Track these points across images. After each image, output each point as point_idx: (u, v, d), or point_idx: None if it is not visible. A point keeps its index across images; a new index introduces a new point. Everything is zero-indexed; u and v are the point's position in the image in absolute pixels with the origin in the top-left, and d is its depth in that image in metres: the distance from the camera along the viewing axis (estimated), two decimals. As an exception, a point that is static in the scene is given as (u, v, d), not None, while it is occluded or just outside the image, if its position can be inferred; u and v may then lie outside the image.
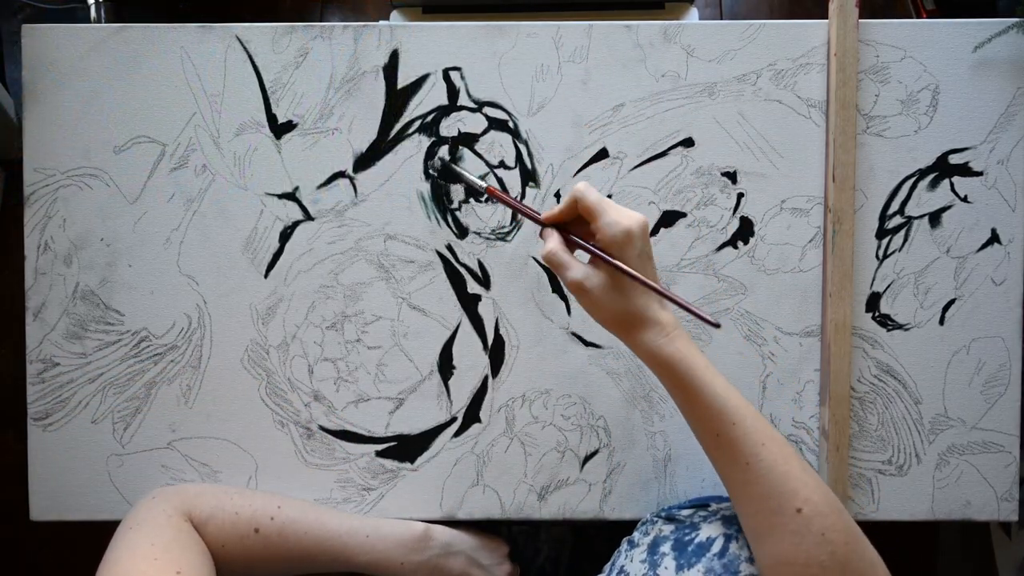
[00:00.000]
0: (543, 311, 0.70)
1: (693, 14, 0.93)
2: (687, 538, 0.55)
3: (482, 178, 0.69)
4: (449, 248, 0.70)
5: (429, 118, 0.70)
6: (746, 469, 0.48)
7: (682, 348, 0.50)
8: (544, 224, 0.55)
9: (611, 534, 0.88)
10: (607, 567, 0.62)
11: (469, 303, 0.70)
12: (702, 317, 0.48)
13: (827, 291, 0.68)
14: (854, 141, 0.68)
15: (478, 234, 0.70)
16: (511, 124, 0.71)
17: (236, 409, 0.70)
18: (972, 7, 1.04)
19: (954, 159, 0.70)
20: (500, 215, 0.71)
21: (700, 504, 0.62)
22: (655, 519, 0.62)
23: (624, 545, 0.62)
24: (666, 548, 0.55)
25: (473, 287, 0.70)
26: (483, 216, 0.70)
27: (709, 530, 0.55)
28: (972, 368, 0.70)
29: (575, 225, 0.55)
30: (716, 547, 0.53)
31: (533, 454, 0.70)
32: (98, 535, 0.59)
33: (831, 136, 0.69)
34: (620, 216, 0.50)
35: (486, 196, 0.56)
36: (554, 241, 0.53)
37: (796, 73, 0.70)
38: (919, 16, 1.15)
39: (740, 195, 0.70)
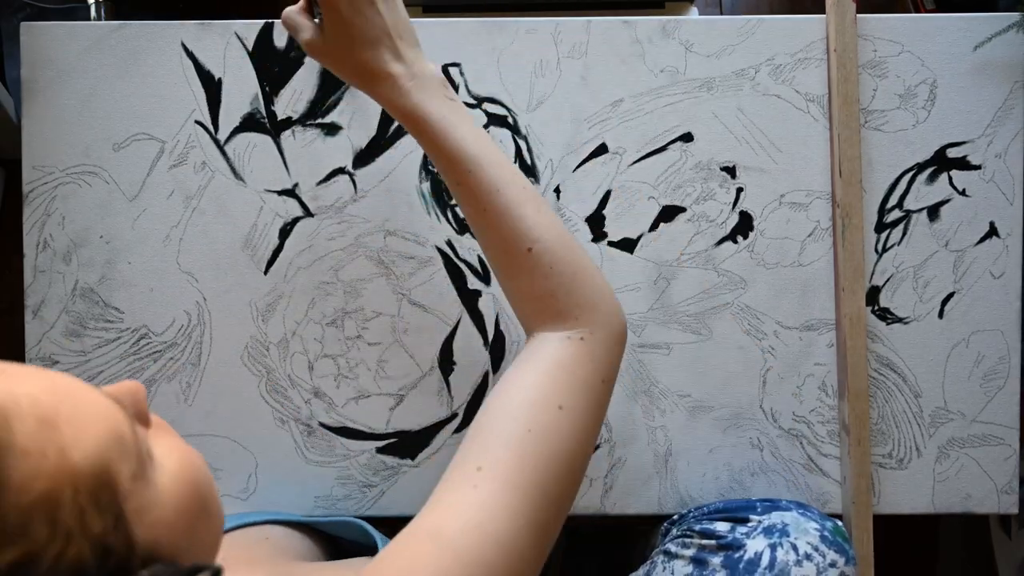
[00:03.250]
0: (543, 306, 0.70)
1: (693, 13, 0.93)
2: (736, 555, 0.58)
3: None
4: (449, 244, 0.70)
5: (428, 114, 0.70)
6: (483, 214, 0.50)
7: (419, 101, 0.51)
8: None
9: (605, 532, 0.88)
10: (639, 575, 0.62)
11: (469, 299, 0.70)
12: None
13: (839, 286, 0.69)
14: (858, 136, 0.68)
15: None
16: (510, 120, 0.71)
17: (236, 406, 0.70)
18: (973, 7, 1.04)
19: (952, 153, 0.70)
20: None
21: (737, 518, 0.62)
22: (690, 532, 0.62)
23: (660, 557, 0.62)
24: (716, 563, 0.58)
25: (473, 283, 0.70)
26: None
27: (755, 545, 0.58)
28: (971, 361, 0.70)
29: None
30: (765, 560, 0.57)
31: (534, 450, 0.70)
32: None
33: (835, 132, 0.69)
34: None
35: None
36: (293, 6, 0.54)
37: (794, 68, 0.70)
38: (918, 13, 1.15)
39: (739, 189, 0.71)
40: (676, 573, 0.60)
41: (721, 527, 0.61)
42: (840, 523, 0.62)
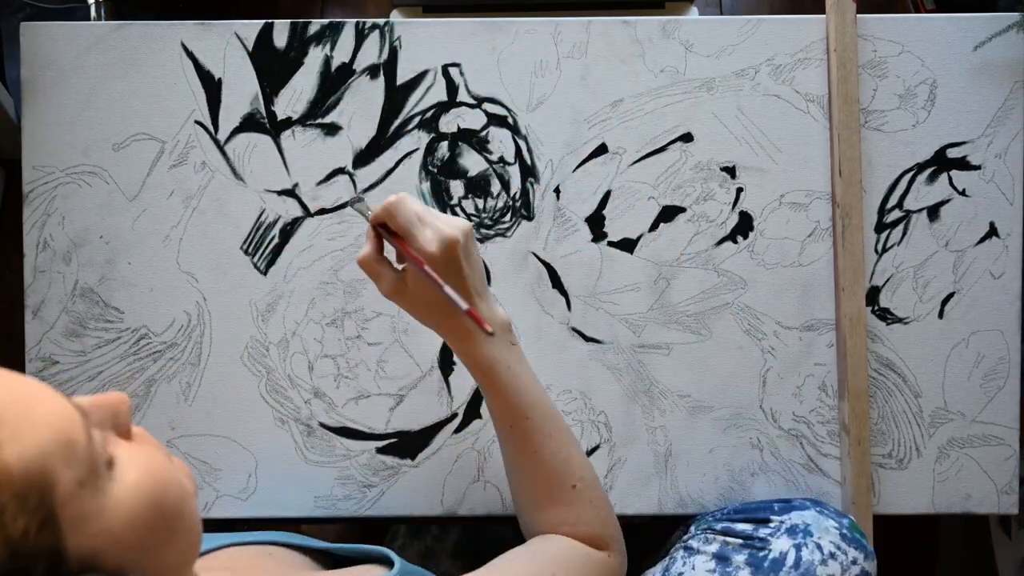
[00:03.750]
0: (543, 306, 0.70)
1: (693, 13, 0.93)
2: (760, 554, 0.60)
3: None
4: (449, 244, 0.70)
5: (428, 114, 0.71)
6: (534, 455, 0.55)
7: (490, 351, 0.53)
8: (372, 224, 0.55)
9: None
10: (656, 571, 0.64)
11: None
12: (480, 324, 0.50)
13: (839, 286, 0.69)
14: (858, 136, 0.68)
15: (477, 227, 0.70)
16: (511, 120, 0.71)
17: (236, 406, 0.70)
18: (973, 7, 1.04)
19: (952, 153, 0.70)
20: (497, 209, 0.71)
21: (757, 519, 0.63)
22: (709, 531, 0.64)
23: (680, 553, 0.64)
24: (740, 561, 0.60)
25: (473, 283, 0.70)
26: (482, 211, 0.70)
27: (780, 545, 0.60)
28: (971, 361, 0.70)
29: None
30: (790, 560, 0.59)
31: (534, 450, 0.70)
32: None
33: (835, 132, 0.69)
34: (426, 241, 0.51)
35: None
36: (368, 248, 0.54)
37: (794, 68, 0.70)
38: (918, 13, 1.15)
39: (739, 190, 0.71)
40: (697, 568, 0.61)
41: (743, 527, 0.63)
42: (854, 519, 0.63)
